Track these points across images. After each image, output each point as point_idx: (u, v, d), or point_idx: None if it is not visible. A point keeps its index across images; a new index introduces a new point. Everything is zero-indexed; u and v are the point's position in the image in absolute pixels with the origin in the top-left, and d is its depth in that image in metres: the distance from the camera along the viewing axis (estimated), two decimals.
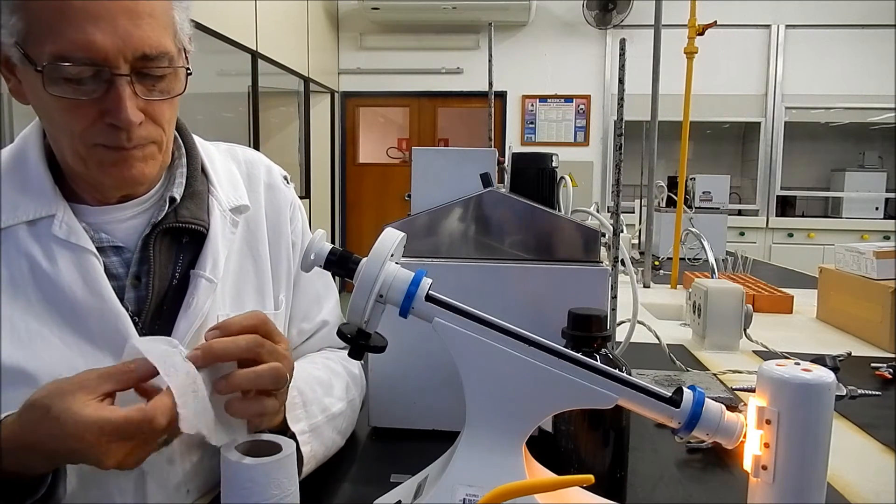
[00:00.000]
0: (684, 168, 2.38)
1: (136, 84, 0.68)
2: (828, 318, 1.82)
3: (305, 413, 0.79)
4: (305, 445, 0.77)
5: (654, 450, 0.93)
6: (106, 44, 0.64)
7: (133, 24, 0.66)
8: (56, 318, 0.72)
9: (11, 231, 0.72)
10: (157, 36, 0.68)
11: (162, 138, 0.74)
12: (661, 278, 2.49)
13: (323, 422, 0.82)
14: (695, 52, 2.29)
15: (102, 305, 0.72)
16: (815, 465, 0.60)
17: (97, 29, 0.64)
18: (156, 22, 0.68)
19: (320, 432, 0.81)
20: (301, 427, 0.77)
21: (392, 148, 6.53)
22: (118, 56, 0.65)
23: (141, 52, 0.67)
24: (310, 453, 0.78)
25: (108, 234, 0.76)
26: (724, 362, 1.39)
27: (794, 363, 0.62)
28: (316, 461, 0.81)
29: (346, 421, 0.88)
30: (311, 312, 0.95)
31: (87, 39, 0.64)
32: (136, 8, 0.66)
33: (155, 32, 0.68)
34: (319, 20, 5.65)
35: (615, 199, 1.12)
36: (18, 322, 0.71)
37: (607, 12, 5.64)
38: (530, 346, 0.62)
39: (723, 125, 6.11)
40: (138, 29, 0.66)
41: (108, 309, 0.73)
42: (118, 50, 0.65)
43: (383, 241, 0.63)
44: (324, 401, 0.83)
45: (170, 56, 0.70)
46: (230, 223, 0.84)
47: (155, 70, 0.69)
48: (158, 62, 0.69)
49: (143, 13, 0.67)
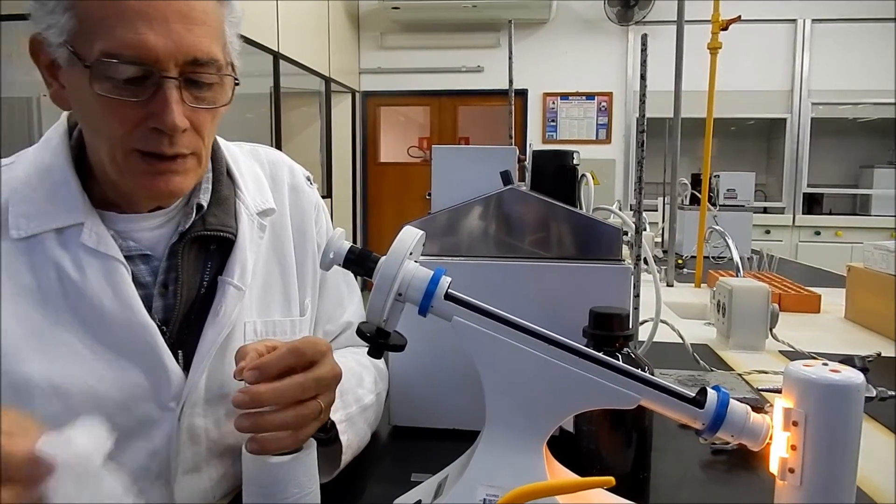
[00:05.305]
0: (708, 165, 2.35)
1: (184, 90, 0.67)
2: (856, 317, 1.78)
3: (342, 402, 0.77)
4: (343, 435, 0.76)
5: (678, 451, 0.91)
6: (158, 45, 0.64)
7: (186, 29, 0.66)
8: (84, 328, 0.71)
9: (38, 239, 0.71)
10: (209, 43, 0.68)
11: (201, 150, 0.73)
12: (685, 277, 2.46)
13: (357, 412, 0.81)
14: (718, 48, 2.26)
15: (132, 317, 0.72)
16: (844, 469, 0.59)
17: (150, 29, 0.64)
18: (208, 29, 0.68)
19: (354, 422, 0.80)
20: (339, 416, 0.76)
21: (413, 147, 6.54)
22: (169, 59, 0.65)
23: (192, 56, 0.66)
24: (347, 443, 0.77)
25: (135, 241, 0.75)
26: (749, 362, 1.37)
27: (822, 364, 0.61)
28: (352, 452, 0.79)
29: (374, 414, 0.88)
30: (335, 314, 0.94)
31: (140, 39, 0.63)
32: (190, 13, 0.66)
33: (207, 39, 0.68)
34: (340, 20, 5.67)
35: (637, 197, 1.11)
36: (47, 333, 0.70)
37: (629, 9, 5.60)
38: (551, 346, 0.62)
39: (747, 122, 6.03)
40: (191, 34, 0.66)
41: (137, 320, 0.72)
42: (169, 52, 0.65)
43: (402, 240, 0.63)
44: (357, 391, 0.82)
45: (219, 64, 0.69)
46: (258, 228, 0.83)
47: (203, 77, 0.69)
48: (207, 69, 0.68)
49: (197, 19, 0.67)
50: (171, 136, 0.68)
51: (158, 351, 0.73)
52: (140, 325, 0.72)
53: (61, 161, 0.75)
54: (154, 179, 0.70)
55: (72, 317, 0.71)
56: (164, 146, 0.68)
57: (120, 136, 0.68)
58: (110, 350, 0.71)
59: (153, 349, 0.72)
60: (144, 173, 0.70)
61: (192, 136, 0.70)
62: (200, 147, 0.73)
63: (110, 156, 0.69)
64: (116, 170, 0.70)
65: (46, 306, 0.70)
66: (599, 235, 0.94)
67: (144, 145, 0.68)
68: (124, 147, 0.68)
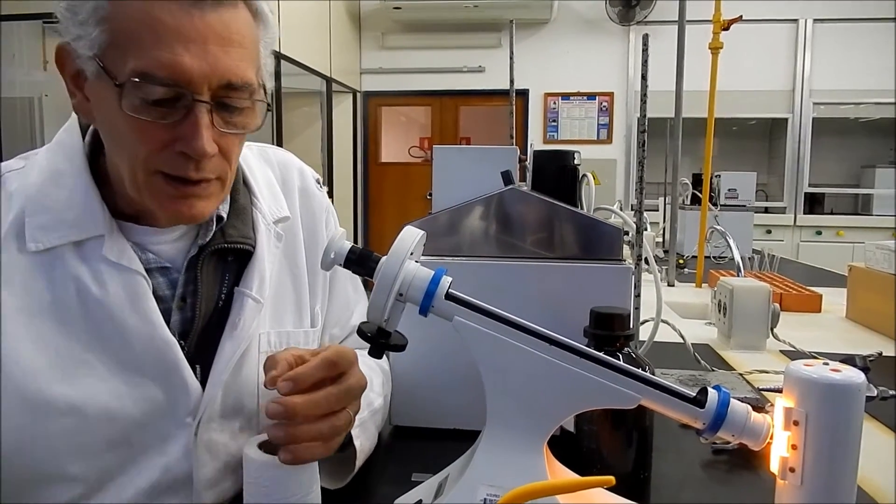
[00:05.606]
0: (709, 165, 2.35)
1: (215, 114, 0.65)
2: (857, 317, 1.78)
3: None
4: (357, 440, 0.75)
5: (679, 450, 0.91)
6: (193, 67, 0.61)
7: (223, 51, 0.63)
8: (103, 345, 0.68)
9: (56, 252, 0.68)
10: (245, 66, 0.65)
11: (227, 175, 0.71)
12: (686, 277, 2.46)
13: (368, 416, 0.80)
14: (720, 48, 2.26)
15: (153, 332, 0.69)
16: (845, 468, 0.59)
17: (186, 50, 0.61)
18: (245, 52, 0.65)
19: (366, 427, 0.79)
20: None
21: (414, 147, 6.54)
22: (203, 81, 0.62)
23: (226, 80, 0.64)
24: (360, 448, 0.76)
25: (154, 254, 0.73)
26: (750, 362, 1.37)
27: (823, 363, 0.61)
28: (364, 456, 0.79)
29: (381, 416, 0.88)
30: (342, 318, 0.93)
31: (175, 60, 0.61)
32: (228, 35, 0.63)
33: (243, 62, 0.65)
34: (341, 20, 5.67)
35: (638, 197, 1.11)
36: (64, 350, 0.67)
37: (630, 9, 5.59)
38: (551, 345, 0.62)
39: (749, 121, 6.02)
40: (227, 56, 0.63)
41: (158, 336, 0.70)
42: (204, 75, 0.62)
43: (402, 240, 0.63)
44: (368, 395, 0.81)
45: (252, 88, 0.67)
46: (274, 237, 0.81)
47: (236, 101, 0.66)
48: (241, 94, 0.66)
49: (235, 41, 0.64)
50: (199, 161, 0.65)
51: (179, 367, 0.71)
52: (161, 340, 0.70)
53: (77, 168, 0.71)
54: (176, 203, 0.68)
55: (91, 333, 0.68)
56: (191, 171, 0.66)
57: (144, 156, 0.65)
58: (130, 367, 0.69)
59: (173, 366, 0.71)
60: (167, 196, 0.67)
61: (220, 160, 0.68)
62: (227, 171, 0.70)
63: (131, 174, 0.67)
64: (137, 189, 0.67)
65: (65, 322, 0.68)
66: (600, 235, 0.94)
67: (170, 168, 0.66)
68: (147, 168, 0.66)
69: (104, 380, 0.68)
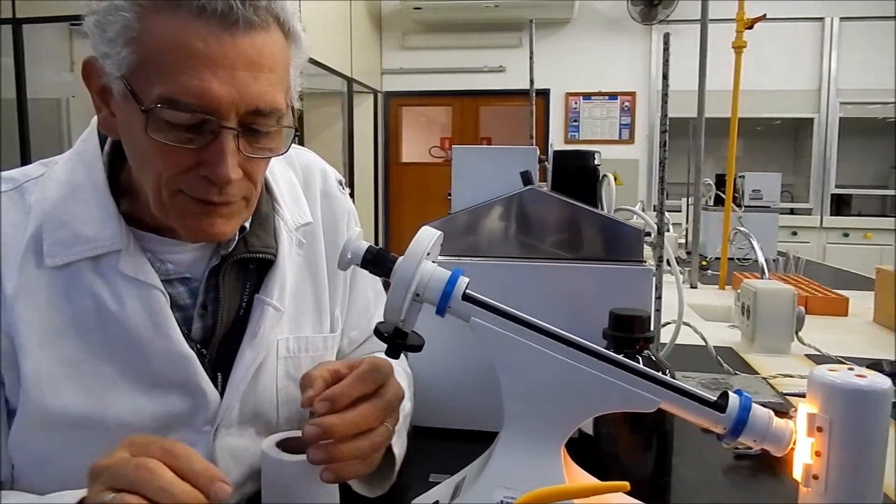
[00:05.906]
0: (732, 165, 2.32)
1: (241, 139, 0.63)
2: (885, 321, 1.75)
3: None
4: (395, 447, 0.74)
5: (700, 454, 0.90)
6: (221, 93, 0.60)
7: (252, 77, 0.62)
8: (121, 359, 0.69)
9: (74, 267, 0.68)
10: (274, 92, 0.64)
11: (252, 195, 0.70)
12: (709, 279, 2.43)
13: (402, 422, 0.79)
14: (743, 47, 2.23)
15: (170, 346, 0.69)
16: (870, 476, 0.57)
17: (214, 77, 0.60)
18: (274, 77, 0.64)
19: (401, 433, 0.78)
20: None
21: (435, 147, 6.54)
22: (230, 108, 0.61)
23: (255, 106, 0.62)
24: (397, 454, 0.76)
25: (173, 264, 0.72)
26: (774, 366, 1.35)
27: (848, 368, 0.59)
28: (399, 461, 0.78)
29: (410, 420, 0.87)
30: (361, 322, 0.93)
31: (203, 87, 0.59)
32: (259, 60, 0.62)
33: (272, 88, 0.64)
34: (362, 21, 5.69)
35: (660, 198, 1.09)
36: (82, 365, 0.67)
37: (652, 7, 5.54)
38: (570, 347, 0.61)
39: (773, 121, 5.93)
40: (256, 82, 0.62)
41: (176, 350, 0.70)
42: (232, 102, 0.61)
43: (419, 240, 0.63)
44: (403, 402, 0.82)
45: (280, 114, 0.66)
46: (296, 244, 0.81)
47: (263, 126, 0.65)
48: (268, 119, 0.65)
49: (265, 66, 0.62)
50: (222, 186, 0.64)
51: (197, 379, 0.71)
52: (179, 354, 0.70)
53: (95, 181, 0.70)
54: (199, 221, 0.67)
55: (109, 348, 0.68)
56: (214, 195, 0.65)
57: (168, 177, 0.64)
58: (148, 381, 0.69)
59: (192, 378, 0.71)
60: (190, 214, 0.66)
61: (244, 182, 0.67)
62: (251, 192, 0.69)
63: (155, 192, 0.66)
64: (160, 206, 0.66)
65: (83, 337, 0.68)
66: (620, 236, 0.93)
67: (193, 191, 0.65)
68: (171, 187, 0.65)
69: (123, 394, 0.69)
